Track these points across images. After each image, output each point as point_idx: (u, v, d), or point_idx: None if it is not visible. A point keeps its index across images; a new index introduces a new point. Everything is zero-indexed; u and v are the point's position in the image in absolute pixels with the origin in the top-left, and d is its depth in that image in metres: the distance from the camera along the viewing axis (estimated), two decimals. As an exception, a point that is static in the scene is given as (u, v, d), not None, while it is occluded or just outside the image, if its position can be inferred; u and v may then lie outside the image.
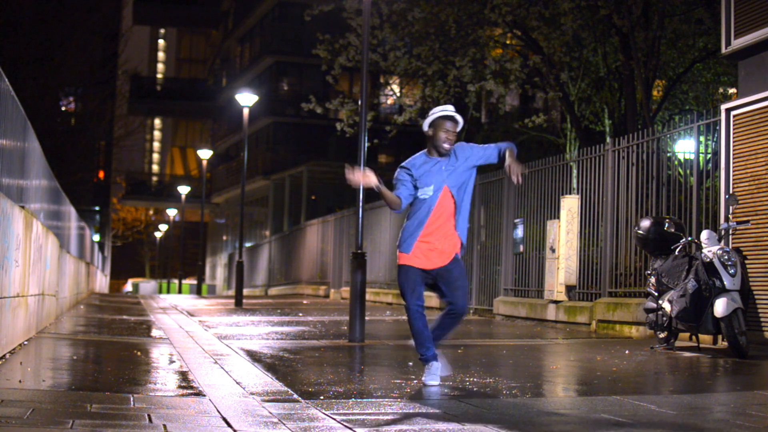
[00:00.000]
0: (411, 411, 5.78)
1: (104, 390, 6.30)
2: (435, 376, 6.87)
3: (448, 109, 6.91)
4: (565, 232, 14.06)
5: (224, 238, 59.45)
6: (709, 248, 9.69)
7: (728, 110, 11.09)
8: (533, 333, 13.07)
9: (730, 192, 10.82)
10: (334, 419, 5.39)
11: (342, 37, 23.18)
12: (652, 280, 10.51)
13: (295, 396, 6.28)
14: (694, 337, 10.45)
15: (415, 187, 6.94)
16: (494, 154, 6.97)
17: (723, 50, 11.60)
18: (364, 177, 6.93)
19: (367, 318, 13.13)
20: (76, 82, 34.87)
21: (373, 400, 6.21)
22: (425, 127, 6.94)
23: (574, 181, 14.59)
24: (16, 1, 27.08)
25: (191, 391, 6.43)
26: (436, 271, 6.82)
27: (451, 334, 7.06)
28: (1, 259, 7.52)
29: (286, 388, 6.64)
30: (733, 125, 11.01)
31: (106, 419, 5.15)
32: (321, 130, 45.38)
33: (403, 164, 7.04)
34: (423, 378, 6.93)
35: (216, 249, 62.29)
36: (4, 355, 8.04)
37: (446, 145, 6.83)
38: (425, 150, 7.02)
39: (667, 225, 10.34)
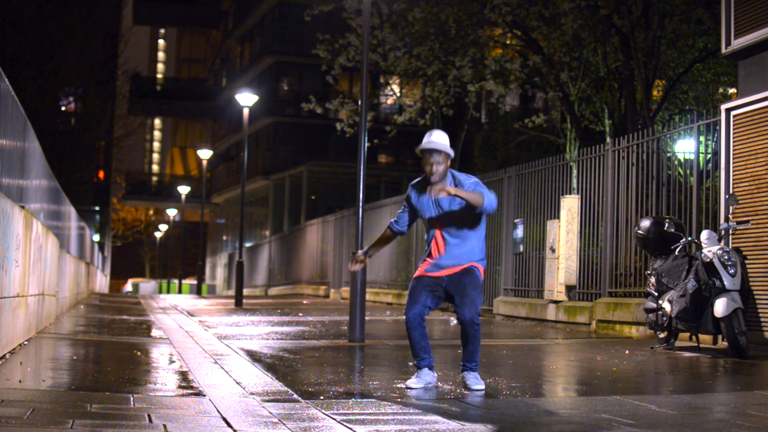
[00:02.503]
0: (411, 411, 5.78)
1: (104, 390, 6.30)
2: (421, 379, 6.85)
3: (429, 140, 6.82)
4: (565, 232, 14.06)
5: (224, 238, 59.43)
6: (709, 248, 9.69)
7: (728, 110, 11.09)
8: (533, 333, 13.07)
9: (730, 192, 10.82)
10: (334, 419, 5.39)
11: (342, 37, 23.17)
12: (652, 280, 10.51)
13: (295, 396, 6.28)
14: (694, 337, 10.45)
15: (415, 211, 7.08)
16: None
17: (723, 50, 11.60)
18: (355, 264, 7.27)
19: (367, 318, 13.13)
20: (76, 82, 34.86)
21: (373, 400, 6.21)
22: (417, 151, 6.93)
23: (574, 181, 14.59)
24: (16, 1, 27.08)
25: (191, 391, 6.43)
26: (447, 279, 6.85)
27: (474, 347, 6.80)
28: (1, 259, 7.52)
29: (286, 388, 6.64)
30: (733, 125, 11.01)
31: (106, 419, 5.15)
32: (321, 130, 45.35)
33: (411, 184, 7.13)
34: (408, 381, 6.94)
35: (216, 249, 62.28)
36: (4, 355, 8.04)
37: (434, 177, 6.82)
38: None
39: (667, 225, 10.34)
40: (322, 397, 6.24)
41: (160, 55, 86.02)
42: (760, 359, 9.37)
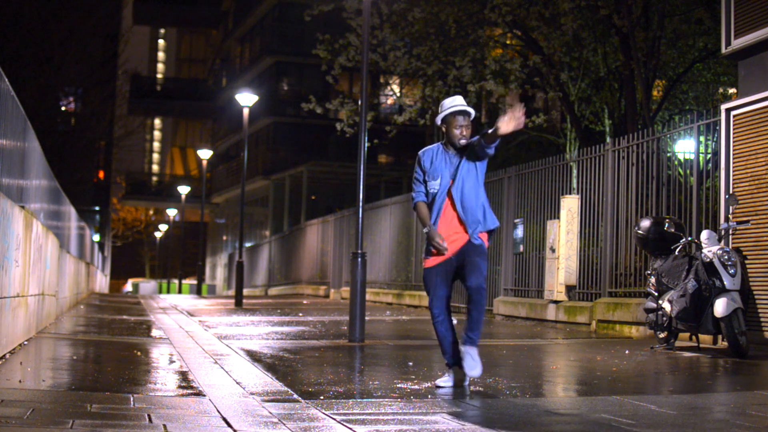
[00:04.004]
0: (411, 411, 5.78)
1: (104, 390, 6.30)
2: (448, 379, 6.86)
3: (458, 103, 6.79)
4: (565, 232, 14.06)
5: (224, 238, 59.44)
6: (709, 248, 9.69)
7: (728, 110, 11.09)
8: (533, 333, 13.07)
9: (730, 192, 10.82)
10: (334, 419, 5.39)
11: (342, 37, 23.17)
12: (652, 280, 10.51)
13: (295, 396, 6.27)
14: (694, 337, 10.46)
15: (426, 180, 6.89)
16: (479, 143, 6.73)
17: (723, 50, 11.60)
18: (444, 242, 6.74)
19: (367, 318, 13.13)
20: (76, 82, 34.86)
21: (373, 400, 6.21)
22: (438, 121, 6.86)
23: (574, 181, 14.59)
24: (16, 1, 27.07)
25: (191, 391, 6.43)
26: (454, 259, 6.77)
27: (478, 315, 6.70)
28: (1, 259, 7.52)
29: (286, 388, 6.64)
30: (733, 125, 11.01)
31: (106, 419, 5.14)
32: (321, 130, 45.36)
33: (418, 155, 6.98)
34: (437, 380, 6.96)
35: (216, 249, 62.28)
36: (4, 355, 8.04)
37: (462, 141, 6.74)
38: (443, 141, 6.95)
39: (667, 225, 10.34)
40: (322, 397, 6.24)
41: (160, 55, 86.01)
42: (760, 359, 9.37)
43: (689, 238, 10.33)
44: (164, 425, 5.01)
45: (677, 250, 10.23)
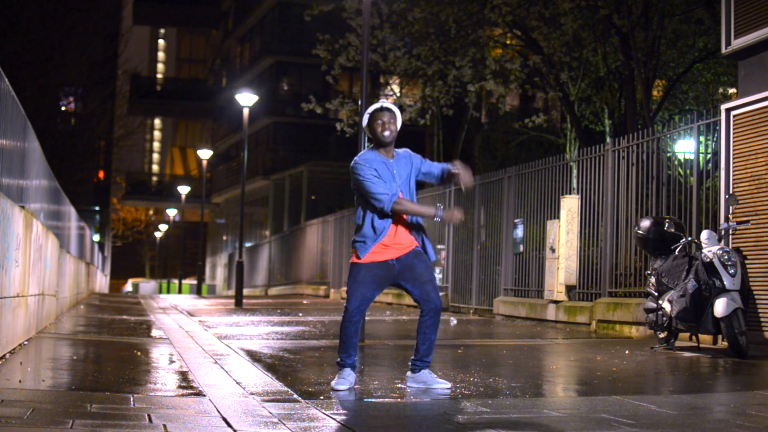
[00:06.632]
0: (411, 411, 5.78)
1: (104, 390, 6.30)
2: (345, 381, 6.64)
3: (379, 102, 6.90)
4: (565, 232, 14.06)
5: (224, 238, 59.44)
6: (709, 248, 9.69)
7: (728, 110, 11.09)
8: (533, 333, 13.07)
9: (730, 192, 10.82)
10: (334, 419, 5.39)
11: (342, 37, 23.19)
12: (652, 280, 10.51)
13: (295, 396, 6.27)
14: (694, 337, 10.45)
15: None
16: (437, 170, 6.85)
17: (723, 50, 11.60)
18: (456, 214, 6.78)
19: (367, 318, 13.12)
20: (76, 82, 34.88)
21: (373, 400, 6.21)
22: (364, 125, 6.89)
23: (574, 181, 14.59)
24: (16, 1, 27.08)
25: (191, 391, 6.43)
26: (396, 264, 6.68)
27: (435, 337, 6.72)
28: (1, 259, 7.52)
29: (286, 388, 6.64)
30: (733, 125, 11.01)
31: (106, 419, 5.14)
32: (321, 130, 45.37)
33: (359, 161, 6.78)
34: (332, 383, 6.72)
35: (216, 249, 62.28)
36: (4, 355, 8.04)
37: (386, 133, 6.71)
38: (372, 147, 6.90)
39: (667, 225, 10.34)
40: (322, 397, 6.24)
41: (160, 55, 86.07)
42: (760, 359, 9.37)
43: (689, 238, 10.33)
44: (164, 425, 5.01)
45: (677, 250, 10.23)
